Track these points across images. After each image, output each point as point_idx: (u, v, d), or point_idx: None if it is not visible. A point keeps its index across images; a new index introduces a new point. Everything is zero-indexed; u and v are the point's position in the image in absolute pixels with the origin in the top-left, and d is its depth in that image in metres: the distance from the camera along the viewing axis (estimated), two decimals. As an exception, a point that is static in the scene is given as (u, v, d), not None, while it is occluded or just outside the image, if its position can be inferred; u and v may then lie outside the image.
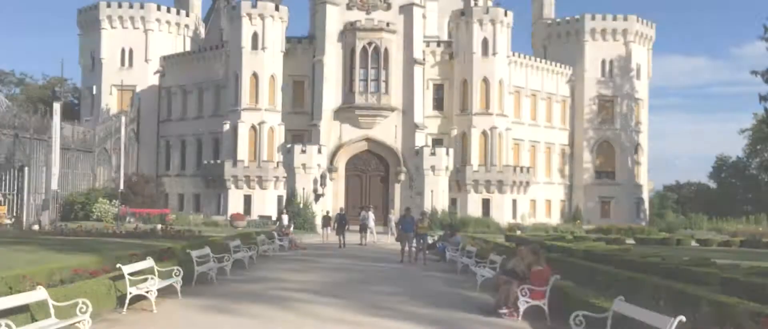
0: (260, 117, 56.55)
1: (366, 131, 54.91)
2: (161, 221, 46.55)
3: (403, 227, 25.15)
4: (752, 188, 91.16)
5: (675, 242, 34.84)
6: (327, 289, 16.68)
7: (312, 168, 50.45)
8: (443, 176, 52.33)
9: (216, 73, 62.79)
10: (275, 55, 57.28)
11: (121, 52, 66.58)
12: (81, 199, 51.23)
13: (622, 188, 68.81)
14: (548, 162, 67.32)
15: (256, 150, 56.64)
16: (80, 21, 69.40)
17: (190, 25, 70.18)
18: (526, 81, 64.35)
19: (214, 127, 61.07)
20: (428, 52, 58.90)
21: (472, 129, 57.23)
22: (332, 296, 15.47)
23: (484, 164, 57.01)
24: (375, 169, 55.66)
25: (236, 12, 57.33)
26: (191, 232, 32.86)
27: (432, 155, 51.92)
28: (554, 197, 67.45)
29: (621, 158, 69.06)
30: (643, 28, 70.30)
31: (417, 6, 55.97)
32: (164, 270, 13.78)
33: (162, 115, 66.97)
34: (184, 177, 64.67)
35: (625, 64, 68.96)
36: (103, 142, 59.97)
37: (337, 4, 55.49)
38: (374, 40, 54.75)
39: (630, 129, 69.53)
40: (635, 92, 69.87)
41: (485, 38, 57.67)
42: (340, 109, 54.98)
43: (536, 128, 65.81)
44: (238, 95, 56.92)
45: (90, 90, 68.21)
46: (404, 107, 55.12)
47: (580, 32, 68.55)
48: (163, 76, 67.06)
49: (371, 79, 54.78)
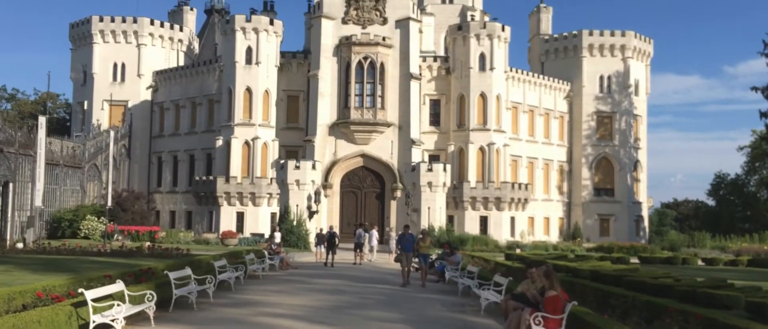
0: (254, 132, 55.49)
1: (361, 147, 53.86)
2: (150, 238, 45.31)
3: (403, 247, 23.55)
4: (751, 206, 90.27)
5: (680, 262, 33.71)
6: (317, 315, 15.46)
7: (306, 184, 49.25)
8: (440, 192, 51.20)
9: (209, 88, 61.80)
10: (269, 70, 56.35)
11: (114, 66, 65.62)
12: (69, 216, 49.91)
13: (622, 206, 67.79)
14: (546, 179, 66.32)
15: (249, 166, 55.52)
16: (72, 35, 68.47)
17: (184, 40, 69.30)
18: (523, 97, 63.53)
19: (207, 143, 60.01)
20: (425, 67, 58.08)
21: (470, 145, 56.25)
22: (323, 323, 14.27)
23: (481, 180, 55.95)
24: (371, 185, 54.53)
25: (230, 26, 56.47)
26: (179, 250, 31.59)
27: (429, 171, 50.84)
28: (553, 214, 66.38)
29: (620, 175, 68.09)
30: (641, 44, 69.69)
31: (413, 21, 55.20)
32: (136, 294, 12.53)
33: (154, 130, 65.87)
34: (176, 194, 63.46)
35: (624, 80, 68.25)
36: (93, 158, 58.68)
37: (332, 19, 54.69)
38: (370, 55, 53.88)
39: (629, 146, 68.65)
40: (634, 108, 69.10)
41: (482, 53, 56.89)
42: (335, 124, 53.97)
43: (534, 145, 64.88)
44: (231, 110, 55.89)
45: (81, 105, 67.17)
46: (400, 122, 54.14)
47: (577, 48, 67.89)
48: (155, 92, 66.04)
49: (367, 95, 53.83)
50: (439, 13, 67.68)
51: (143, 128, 65.64)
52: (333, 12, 54.68)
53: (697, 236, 52.25)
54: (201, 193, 56.51)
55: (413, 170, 51.54)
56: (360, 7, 54.57)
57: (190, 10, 74.46)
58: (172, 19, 72.49)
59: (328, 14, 54.57)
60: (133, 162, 65.40)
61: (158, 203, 64.26)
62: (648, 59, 71.30)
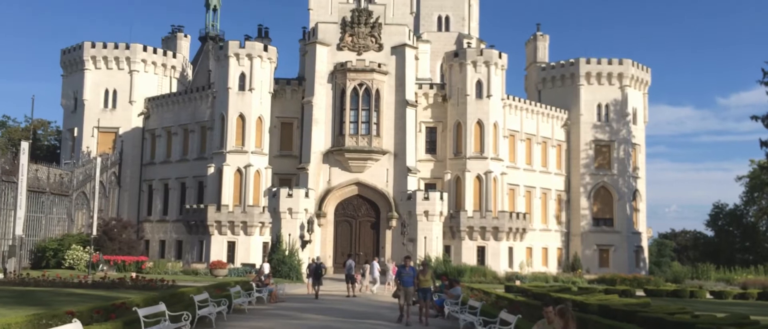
0: (246, 160, 54.29)
1: (356, 175, 52.70)
2: (137, 269, 43.83)
3: (403, 281, 21.44)
4: (751, 237, 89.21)
5: (688, 294, 32.41)
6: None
7: (299, 213, 47.96)
8: (437, 221, 49.93)
9: (202, 114, 60.76)
10: (263, 97, 55.38)
11: (105, 93, 64.62)
12: (54, 245, 48.47)
13: (621, 236, 66.53)
14: (544, 208, 65.13)
15: (241, 194, 54.20)
16: (64, 61, 67.56)
17: (177, 67, 68.43)
18: (521, 125, 62.67)
19: (199, 170, 58.77)
20: (421, 94, 57.24)
21: (467, 173, 55.12)
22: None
23: (479, 209, 54.70)
24: (365, 215, 53.23)
25: (223, 52, 55.64)
26: (164, 282, 30.15)
27: (425, 199, 49.61)
28: (551, 244, 65.06)
29: (619, 205, 66.94)
30: (639, 72, 69.14)
31: (409, 47, 54.51)
32: (99, 335, 11.20)
33: (145, 158, 64.63)
34: (166, 223, 61.99)
35: (622, 108, 67.54)
36: (82, 185, 57.33)
37: (327, 45, 53.96)
38: (365, 82, 53.04)
39: (628, 175, 67.64)
40: (632, 136, 68.28)
41: (479, 80, 56.12)
42: (329, 152, 52.87)
43: (532, 173, 63.83)
44: (223, 137, 54.76)
45: (71, 132, 66.00)
46: (396, 150, 53.08)
47: (575, 76, 67.26)
48: (147, 118, 64.95)
49: (362, 122, 52.85)
50: (435, 41, 67.15)
51: (134, 156, 64.40)
52: (328, 38, 53.97)
53: (701, 267, 50.94)
54: (191, 222, 55.08)
55: (409, 198, 50.33)
56: (355, 33, 53.90)
57: (184, 37, 73.80)
58: (166, 46, 71.74)
59: (322, 40, 53.85)
60: (123, 190, 64.00)
61: (148, 232, 62.73)
62: (645, 88, 70.72)
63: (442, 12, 70.93)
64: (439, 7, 71.01)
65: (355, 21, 53.80)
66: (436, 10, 70.93)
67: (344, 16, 54.04)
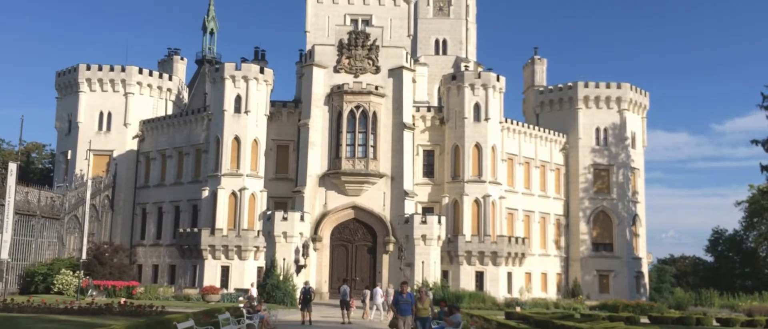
0: (241, 183, 53.49)
1: (353, 199, 51.91)
2: (127, 294, 42.80)
3: (401, 309, 20.21)
4: (750, 262, 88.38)
5: (694, 322, 31.45)
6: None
7: (294, 237, 47.07)
8: (435, 246, 49.03)
9: (197, 137, 60.09)
10: (259, 119, 54.80)
11: (99, 115, 63.94)
12: (43, 270, 47.40)
13: (621, 262, 65.61)
14: (543, 233, 64.29)
15: (235, 218, 53.29)
16: (58, 84, 67.01)
17: (173, 89, 67.91)
18: (519, 148, 62.09)
19: (193, 194, 57.92)
20: (418, 117, 56.72)
21: (464, 197, 54.36)
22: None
23: (477, 234, 53.86)
24: (362, 239, 52.33)
25: (219, 74, 55.16)
26: (153, 308, 29.19)
27: (423, 223, 48.77)
28: (550, 270, 64.09)
29: (619, 230, 66.12)
30: (637, 96, 68.82)
31: (406, 70, 54.11)
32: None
33: (139, 181, 63.77)
34: (160, 247, 60.95)
35: (620, 132, 67.08)
36: (74, 209, 56.31)
37: (324, 67, 53.54)
38: (362, 104, 52.53)
39: (627, 199, 66.93)
40: (631, 161, 67.72)
41: (477, 103, 55.66)
42: (325, 175, 52.13)
43: (530, 197, 63.10)
44: (218, 160, 54.02)
45: (65, 155, 65.17)
46: (393, 173, 52.37)
47: (573, 100, 66.90)
48: (142, 141, 64.23)
49: (359, 144, 52.22)
50: (432, 64, 67.05)
51: (128, 179, 63.53)
52: (325, 60, 53.58)
53: (704, 294, 50.04)
54: (185, 246, 54.09)
55: (406, 222, 49.50)
56: (352, 55, 53.53)
57: (180, 60, 73.44)
58: (162, 69, 71.33)
59: (319, 63, 53.44)
60: (117, 214, 63.00)
61: (141, 257, 61.66)
62: (644, 112, 70.37)
63: (440, 35, 70.95)
64: (436, 31, 71.06)
65: (353, 43, 53.47)
66: (434, 33, 70.97)
67: (341, 39, 53.73)
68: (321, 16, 56.04)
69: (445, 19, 71.10)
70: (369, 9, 55.88)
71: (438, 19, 71.08)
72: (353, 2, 55.63)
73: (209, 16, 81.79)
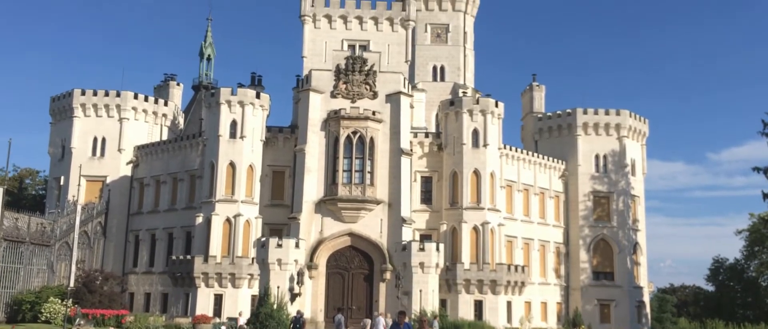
0: (236, 209, 52.58)
1: (349, 225, 50.98)
2: (116, 323, 41.69)
3: None
4: (752, 292, 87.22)
5: (702, 353, 30.34)
6: None
7: (288, 264, 46.04)
8: (433, 274, 47.98)
9: (192, 163, 59.33)
10: (255, 144, 54.12)
11: (93, 141, 63.19)
12: (31, 298, 46.27)
13: (622, 291, 64.59)
14: (543, 261, 63.31)
15: (230, 245, 52.28)
16: (53, 109, 66.37)
17: (168, 115, 67.27)
18: (518, 175, 61.42)
19: (187, 220, 56.94)
20: (416, 143, 56.10)
21: (463, 224, 53.50)
22: None
23: (476, 262, 52.87)
24: (358, 266, 51.26)
25: (215, 99, 54.60)
26: (141, 337, 28.06)
27: (421, 250, 47.78)
28: (550, 299, 62.96)
29: (619, 258, 65.20)
30: (637, 123, 68.44)
31: (404, 95, 53.62)
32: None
33: (132, 207, 62.81)
34: (152, 275, 59.79)
35: (620, 159, 66.54)
36: (65, 235, 55.28)
37: (320, 92, 53.03)
38: (359, 130, 51.90)
39: (627, 227, 66.12)
40: (631, 188, 67.08)
41: (476, 129, 55.11)
42: (321, 201, 51.28)
43: (530, 225, 62.26)
44: (213, 186, 53.16)
45: (57, 181, 64.21)
46: (390, 199, 51.54)
47: (572, 126, 66.47)
48: (136, 167, 63.44)
49: (356, 170, 51.47)
50: (430, 90, 66.67)
51: (121, 205, 62.56)
52: (321, 85, 53.10)
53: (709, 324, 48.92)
54: (177, 274, 52.95)
55: (404, 249, 48.50)
56: (349, 81, 53.06)
57: (176, 85, 73.02)
58: (158, 94, 70.80)
59: (316, 88, 52.96)
60: (109, 241, 61.87)
61: (133, 285, 60.43)
62: (643, 139, 69.95)
63: (438, 62, 70.74)
64: (434, 58, 70.88)
65: (350, 68, 53.06)
66: (432, 60, 70.78)
67: (338, 64, 53.32)
68: (318, 42, 55.77)
69: (442, 46, 70.96)
70: (366, 34, 55.59)
71: (436, 46, 70.94)
72: (351, 28, 55.41)
73: (206, 43, 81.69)
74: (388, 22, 57.16)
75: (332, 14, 56.57)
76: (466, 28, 71.72)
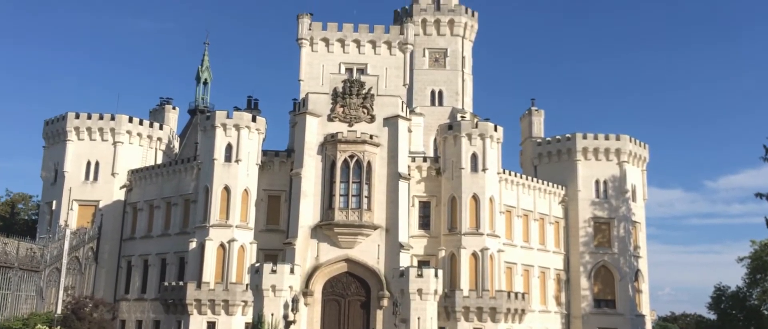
0: (230, 234, 51.48)
1: (346, 251, 49.94)
2: (105, 351, 40.25)
3: None
4: (754, 320, 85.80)
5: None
6: None
7: (283, 291, 44.89)
8: (431, 301, 46.81)
9: (186, 187, 58.38)
10: (250, 168, 53.23)
11: (87, 164, 62.31)
12: (18, 325, 44.89)
13: (624, 319, 63.33)
14: (543, 288, 62.16)
15: (223, 271, 51.07)
16: (46, 132, 65.60)
17: (163, 139, 66.50)
18: (517, 200, 60.54)
19: (181, 246, 55.80)
20: (414, 168, 55.29)
21: (462, 250, 52.43)
22: None
23: (475, 288, 51.69)
24: (355, 293, 50.09)
25: (210, 122, 53.84)
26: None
27: (419, 276, 46.68)
28: (551, 327, 61.68)
29: (621, 285, 64.07)
30: (637, 149, 67.81)
31: (402, 119, 52.98)
32: None
33: (125, 233, 61.68)
34: (144, 301, 58.48)
35: (620, 185, 65.75)
36: (55, 261, 54.10)
37: (317, 116, 52.38)
38: (356, 153, 51.14)
39: (629, 254, 65.11)
40: (632, 214, 66.21)
41: (474, 153, 54.34)
42: (318, 226, 50.29)
43: (529, 251, 61.22)
44: (207, 210, 52.12)
45: (49, 205, 63.21)
46: (388, 225, 50.58)
47: (571, 151, 65.79)
48: (129, 191, 62.45)
49: (352, 195, 50.59)
50: (428, 115, 66.15)
51: (114, 230, 61.42)
52: (318, 109, 52.47)
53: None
54: (169, 300, 51.65)
55: (402, 275, 47.38)
56: (346, 104, 52.46)
57: (172, 109, 72.44)
58: (154, 118, 70.16)
59: (313, 111, 52.32)
60: (101, 267, 60.57)
61: (125, 312, 59.02)
62: (644, 164, 69.28)
63: (436, 86, 70.38)
64: (432, 82, 70.53)
65: (347, 92, 52.49)
66: (430, 84, 70.43)
67: (336, 87, 52.76)
68: (315, 65, 55.28)
69: (440, 70, 70.64)
70: (364, 58, 55.18)
71: (434, 70, 70.61)
72: (348, 51, 55.04)
73: (203, 66, 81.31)
74: (386, 45, 56.88)
75: (330, 37, 56.28)
76: (464, 52, 71.50)
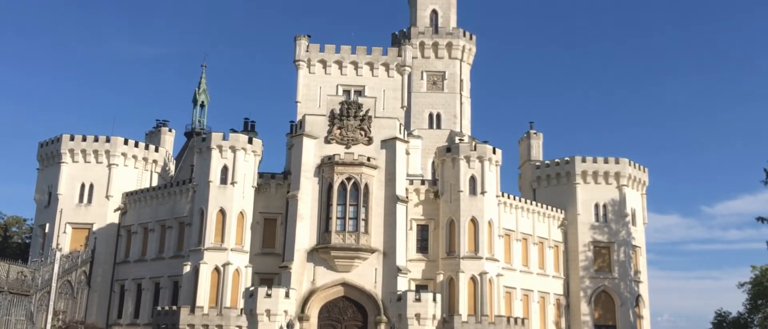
0: (225, 258, 50.62)
1: (343, 275, 49.15)
2: (94, 377, 39.21)
3: None
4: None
5: None
6: None
7: (278, 315, 43.99)
8: (430, 326, 45.89)
9: (181, 209, 57.62)
10: (246, 190, 52.57)
11: (81, 187, 61.55)
12: (6, 350, 43.85)
13: (625, 345, 62.27)
14: (543, 313, 61.19)
15: (218, 295, 50.06)
16: (40, 154, 64.93)
17: (159, 161, 65.83)
18: (516, 224, 59.86)
19: (175, 270, 54.89)
20: (412, 191, 54.67)
21: (460, 274, 51.60)
22: None
23: (473, 313, 50.71)
24: (352, 318, 49.17)
25: (206, 144, 53.28)
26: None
27: (417, 301, 45.84)
28: (551, 354, 60.59)
29: (622, 311, 63.14)
30: (636, 172, 67.33)
31: (400, 141, 52.53)
32: None
33: (119, 256, 60.77)
34: (137, 327, 57.49)
35: (620, 208, 65.15)
36: (47, 285, 53.07)
37: (314, 137, 51.92)
38: (354, 176, 50.60)
39: (629, 279, 64.29)
40: (632, 238, 65.52)
41: (473, 176, 53.78)
42: (314, 249, 49.54)
43: (529, 275, 60.39)
44: (202, 233, 51.31)
45: (42, 228, 62.35)
46: (385, 248, 49.85)
47: (570, 174, 65.28)
48: (123, 214, 61.65)
49: (349, 218, 49.94)
50: (426, 138, 65.68)
51: (107, 253, 60.48)
52: (315, 131, 52.04)
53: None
54: (162, 325, 50.49)
55: (399, 300, 46.54)
56: (344, 126, 52.06)
57: (168, 131, 71.87)
58: (150, 140, 69.58)
59: (310, 133, 51.88)
60: (93, 291, 59.51)
61: (117, 337, 57.92)
62: (643, 188, 68.75)
63: (434, 109, 70.03)
64: (430, 105, 70.18)
65: (344, 113, 52.12)
66: (428, 107, 70.07)
67: (333, 109, 52.38)
68: (312, 87, 54.94)
69: (439, 94, 70.35)
70: (362, 79, 54.90)
71: (432, 93, 70.32)
72: (346, 73, 54.80)
73: (200, 89, 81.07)
74: (384, 67, 56.61)
75: (327, 59, 56.05)
76: (462, 75, 71.31)
